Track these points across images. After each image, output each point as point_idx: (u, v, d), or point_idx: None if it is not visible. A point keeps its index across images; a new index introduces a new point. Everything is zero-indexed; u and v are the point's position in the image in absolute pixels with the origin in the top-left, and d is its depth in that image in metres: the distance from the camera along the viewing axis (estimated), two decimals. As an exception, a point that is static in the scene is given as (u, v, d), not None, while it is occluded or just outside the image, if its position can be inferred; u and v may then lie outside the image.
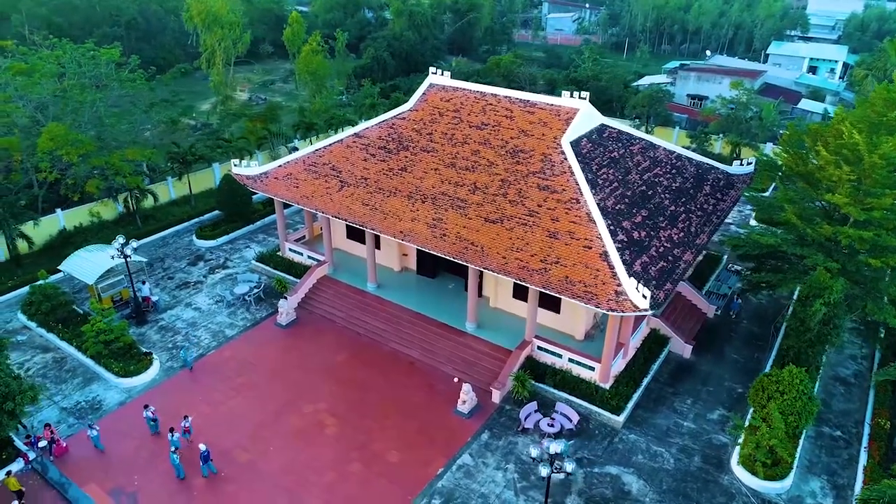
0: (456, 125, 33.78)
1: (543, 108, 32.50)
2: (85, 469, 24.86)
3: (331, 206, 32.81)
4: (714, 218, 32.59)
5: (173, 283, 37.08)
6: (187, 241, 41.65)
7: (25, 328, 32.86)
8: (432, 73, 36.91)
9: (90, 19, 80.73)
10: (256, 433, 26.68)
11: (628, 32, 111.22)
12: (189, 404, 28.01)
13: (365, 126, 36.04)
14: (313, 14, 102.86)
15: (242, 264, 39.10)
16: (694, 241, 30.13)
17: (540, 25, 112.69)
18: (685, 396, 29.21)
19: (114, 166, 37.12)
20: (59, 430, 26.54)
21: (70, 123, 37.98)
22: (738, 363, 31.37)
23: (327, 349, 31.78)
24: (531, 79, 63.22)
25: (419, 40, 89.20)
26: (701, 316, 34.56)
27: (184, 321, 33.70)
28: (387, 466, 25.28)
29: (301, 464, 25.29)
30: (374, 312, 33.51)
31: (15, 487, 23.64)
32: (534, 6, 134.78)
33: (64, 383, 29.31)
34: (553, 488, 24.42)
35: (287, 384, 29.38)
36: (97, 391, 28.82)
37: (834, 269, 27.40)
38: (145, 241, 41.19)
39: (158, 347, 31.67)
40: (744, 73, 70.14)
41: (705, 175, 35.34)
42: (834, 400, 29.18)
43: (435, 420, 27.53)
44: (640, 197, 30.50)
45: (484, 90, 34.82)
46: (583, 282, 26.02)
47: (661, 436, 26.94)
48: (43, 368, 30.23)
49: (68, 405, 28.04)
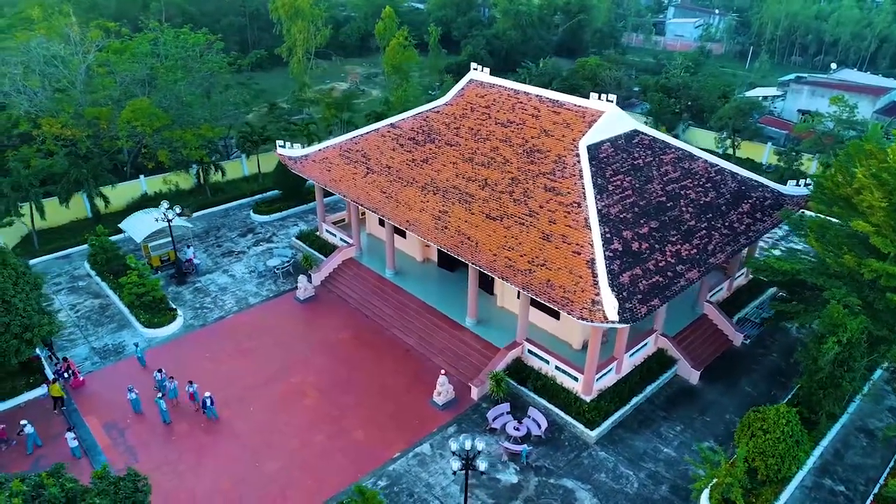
0: (483, 121, 33.85)
1: (570, 109, 31.75)
2: (91, 403, 28.03)
3: (353, 191, 34.15)
4: (742, 238, 30.20)
5: (220, 251, 40.27)
6: (245, 214, 44.92)
7: (87, 275, 37.26)
8: (473, 68, 37.16)
9: (220, 9, 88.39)
10: (244, 394, 28.59)
11: (755, 41, 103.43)
12: (196, 359, 30.57)
13: (402, 117, 37.04)
14: (427, 11, 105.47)
15: (285, 240, 41.60)
16: (707, 260, 28.17)
17: (652, 30, 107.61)
18: (676, 423, 27.48)
19: (181, 140, 40.95)
20: (84, 366, 30.04)
21: (154, 100, 42.29)
22: (750, 397, 28.94)
23: (333, 327, 33.20)
24: (616, 83, 61.07)
25: (523, 39, 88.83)
26: (724, 343, 32.16)
27: (217, 285, 36.60)
28: (349, 442, 26.17)
29: (273, 427, 26.82)
30: (385, 298, 34.47)
31: (57, 394, 27.47)
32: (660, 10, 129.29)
33: (101, 326, 33.02)
34: (502, 492, 24.14)
35: (286, 354, 31.11)
36: (124, 337, 32.19)
37: (854, 305, 24.55)
38: (210, 211, 45.06)
39: (188, 306, 34.67)
40: (867, 90, 63.26)
41: (748, 192, 32.74)
42: (850, 452, 26.14)
43: (410, 407, 28.00)
44: (655, 208, 28.97)
45: (519, 88, 34.57)
46: (563, 287, 25.33)
47: (634, 458, 25.61)
48: (90, 311, 34.21)
49: (98, 346, 31.59)
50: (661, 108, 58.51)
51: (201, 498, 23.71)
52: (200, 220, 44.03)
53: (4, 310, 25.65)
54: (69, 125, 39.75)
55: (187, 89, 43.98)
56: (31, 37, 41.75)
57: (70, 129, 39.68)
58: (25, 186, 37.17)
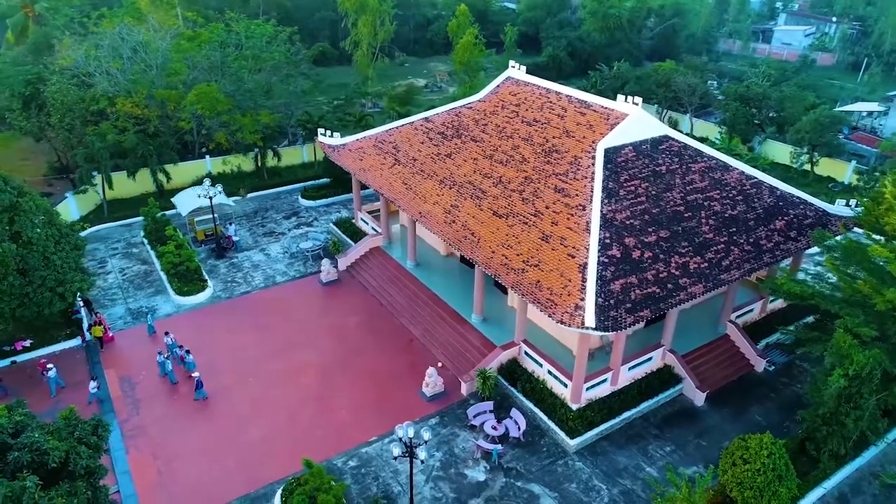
0: (511, 119, 33.62)
1: (596, 111, 30.91)
2: (114, 357, 30.59)
3: (377, 180, 34.98)
4: (766, 256, 28.18)
5: (262, 231, 42.46)
6: (294, 198, 47.04)
7: (141, 243, 40.50)
8: (511, 66, 36.94)
9: (314, 4, 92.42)
10: (247, 365, 30.12)
11: (871, 51, 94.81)
12: (213, 328, 32.54)
13: (437, 111, 37.46)
14: (516, 11, 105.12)
15: (325, 225, 43.18)
16: (718, 276, 26.55)
17: (750, 37, 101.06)
18: (667, 443, 26.16)
19: (237, 123, 43.51)
20: (116, 325, 32.79)
21: (219, 85, 45.16)
22: (759, 426, 26.96)
23: (346, 311, 34.20)
24: (691, 90, 58.14)
25: (609, 42, 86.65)
26: (744, 367, 30.15)
27: (251, 262, 38.66)
28: (331, 421, 26.97)
29: (264, 399, 28.14)
30: (401, 288, 35.05)
31: (98, 334, 30.87)
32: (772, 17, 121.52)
33: (140, 290, 35.85)
34: (466, 488, 24.07)
35: (295, 332, 32.43)
36: (157, 301, 34.79)
37: (866, 336, 22.36)
38: (263, 193, 47.62)
39: (219, 279, 36.90)
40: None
41: (785, 209, 30.48)
42: (856, 499, 23.82)
43: (398, 395, 28.41)
44: (670, 217, 27.64)
45: (551, 87, 34.05)
46: (550, 289, 24.83)
47: (611, 473, 24.68)
48: (135, 275, 37.21)
49: (133, 307, 34.34)
50: (736, 118, 55.20)
51: (186, 453, 25.34)
52: (253, 200, 46.60)
53: (44, 265, 28.52)
54: (141, 105, 43.26)
55: (251, 77, 46.53)
56: (116, 24, 45.76)
57: (142, 108, 43.17)
58: (98, 159, 40.93)
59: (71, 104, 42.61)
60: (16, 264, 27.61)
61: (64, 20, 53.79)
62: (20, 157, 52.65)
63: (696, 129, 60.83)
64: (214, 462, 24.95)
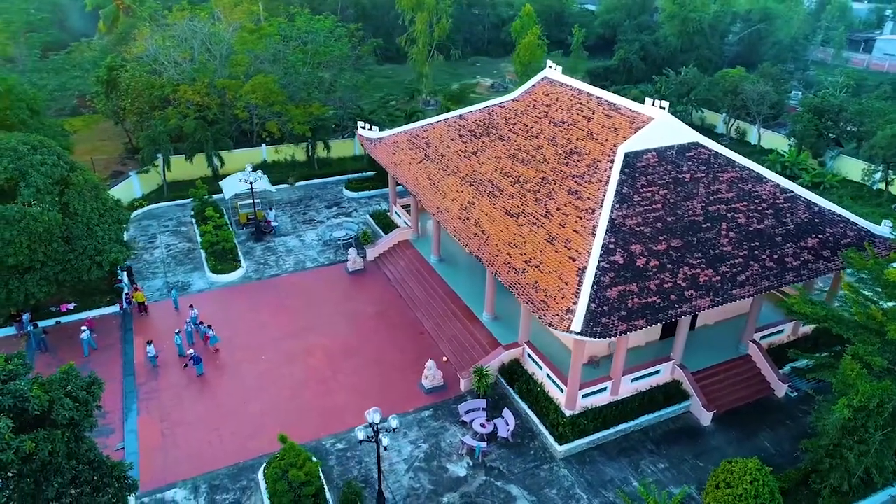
0: (539, 119, 33.30)
1: (623, 114, 30.12)
2: (144, 325, 32.73)
3: (404, 174, 35.55)
4: (789, 275, 26.53)
5: (302, 218, 44.05)
6: (339, 189, 48.44)
7: (189, 223, 43.00)
8: (549, 66, 36.54)
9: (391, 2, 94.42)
10: (263, 343, 31.44)
11: None
12: (238, 307, 34.17)
13: (471, 109, 37.60)
14: (595, 14, 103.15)
15: (363, 217, 44.25)
16: (730, 292, 25.28)
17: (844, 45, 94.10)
18: (663, 459, 25.22)
19: (288, 114, 45.31)
20: (153, 296, 35.05)
21: (276, 77, 47.22)
22: (766, 452, 25.54)
23: (365, 300, 34.99)
24: (759, 98, 55.04)
25: (686, 47, 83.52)
26: (762, 390, 28.56)
27: (286, 247, 40.23)
28: (329, 403, 27.77)
29: (271, 376, 29.32)
30: (421, 281, 35.47)
31: (141, 299, 33.23)
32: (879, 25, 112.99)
33: (181, 266, 38.12)
34: (444, 481, 24.20)
35: (313, 316, 33.53)
36: (193, 277, 36.89)
37: (878, 366, 20.71)
38: (311, 182, 49.34)
39: (253, 260, 38.64)
40: None
41: (821, 226, 28.56)
42: (861, 540, 22.13)
43: (398, 385, 28.85)
44: (685, 226, 26.57)
45: (583, 89, 33.43)
46: (546, 290, 24.53)
47: (596, 484, 24.08)
48: (179, 252, 39.59)
49: (171, 281, 36.56)
50: (807, 130, 51.95)
51: (190, 420, 26.83)
52: (300, 188, 48.39)
53: (87, 235, 30.94)
54: (202, 93, 45.87)
55: (306, 70, 48.30)
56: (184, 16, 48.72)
57: (202, 96, 45.77)
58: (159, 141, 43.80)
59: (141, 90, 45.81)
60: (61, 232, 30.11)
61: (148, 11, 57.79)
62: (101, 138, 56.95)
63: (764, 139, 57.72)
64: (213, 430, 26.29)
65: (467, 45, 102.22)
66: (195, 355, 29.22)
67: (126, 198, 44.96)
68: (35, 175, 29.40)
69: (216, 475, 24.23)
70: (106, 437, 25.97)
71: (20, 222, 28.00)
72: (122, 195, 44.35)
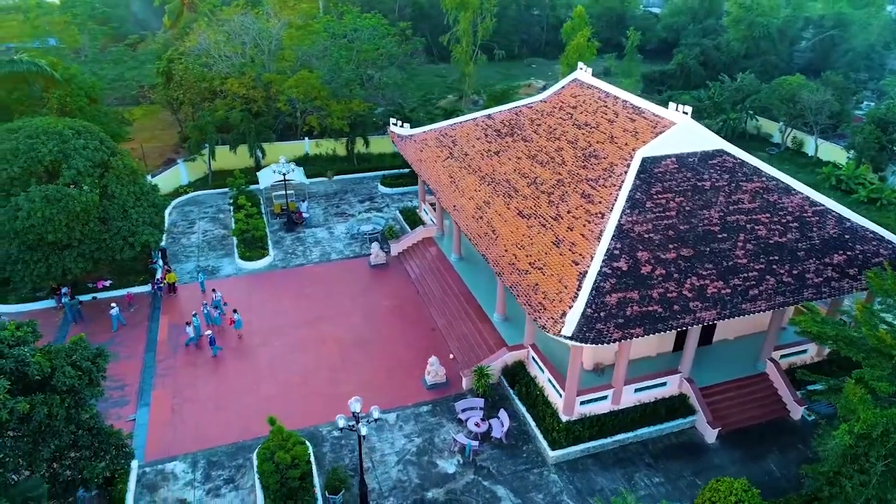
0: (564, 121, 32.93)
1: (646, 118, 29.43)
2: (170, 307, 34.30)
3: (427, 172, 35.86)
4: (807, 292, 25.26)
5: (335, 211, 45.06)
6: (374, 185, 49.25)
7: (228, 210, 44.72)
8: (580, 68, 36.04)
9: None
10: (280, 329, 32.43)
11: None
12: (260, 293, 35.37)
13: (500, 109, 37.53)
14: (659, 17, 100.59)
15: (393, 212, 44.85)
16: (739, 306, 24.31)
17: None
18: (658, 474, 24.53)
19: (327, 109, 46.41)
20: (183, 278, 36.68)
21: (320, 73, 48.45)
22: (770, 475, 24.47)
23: (383, 293, 35.52)
24: (818, 107, 52.23)
25: (752, 52, 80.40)
26: (777, 411, 27.33)
27: (315, 239, 41.28)
28: (333, 391, 28.33)
29: (284, 362, 30.21)
30: (439, 279, 35.70)
31: (172, 280, 35.06)
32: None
33: (213, 251, 39.74)
34: (432, 476, 24.36)
35: (330, 306, 34.32)
36: (222, 263, 38.40)
37: (884, 392, 19.50)
38: (348, 177, 50.41)
39: (282, 249, 39.85)
40: None
41: (851, 243, 27.03)
42: (860, 575, 20.85)
43: (403, 379, 29.18)
44: (699, 235, 25.71)
45: (610, 92, 32.83)
46: (545, 293, 24.32)
47: (585, 492, 23.68)
48: (213, 238, 41.28)
49: (202, 265, 38.17)
50: (867, 143, 49.11)
51: (200, 397, 28.02)
52: (337, 182, 49.49)
53: (122, 217, 32.76)
54: (248, 86, 47.59)
55: (349, 67, 49.31)
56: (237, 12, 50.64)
57: (248, 89, 47.48)
58: (205, 131, 45.75)
59: (192, 82, 47.96)
60: (98, 213, 31.99)
61: (209, 7, 60.35)
62: (161, 127, 59.98)
63: (822, 151, 54.89)
64: (220, 410, 27.35)
65: (524, 46, 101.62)
66: (211, 336, 30.44)
67: (173, 184, 47.30)
68: (77, 158, 31.34)
69: (216, 452, 25.21)
70: (121, 407, 27.51)
71: (60, 201, 29.92)
72: (169, 181, 46.77)
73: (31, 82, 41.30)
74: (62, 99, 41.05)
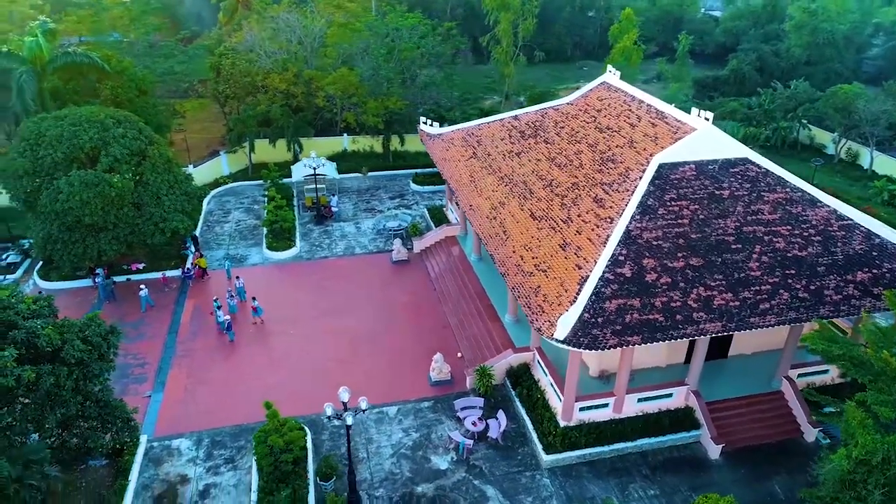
0: (586, 124, 32.55)
1: (668, 124, 28.81)
2: (197, 290, 35.75)
3: (450, 171, 36.08)
4: (823, 308, 24.17)
5: (365, 206, 45.85)
6: (406, 182, 49.80)
7: (262, 202, 46.14)
8: (609, 71, 35.52)
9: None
10: (296, 319, 33.31)
11: None
12: (282, 283, 36.44)
13: (527, 110, 37.40)
14: (719, 21, 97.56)
15: (422, 209, 45.27)
16: (747, 319, 23.51)
17: None
18: (654, 486, 24.01)
19: (364, 106, 47.23)
20: (212, 265, 38.13)
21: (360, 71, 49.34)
22: (774, 497, 23.59)
23: (402, 289, 35.97)
24: (874, 118, 49.57)
25: (814, 59, 77.11)
26: (789, 431, 26.30)
27: (342, 233, 42.15)
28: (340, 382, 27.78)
29: (297, 350, 31.06)
30: (456, 277, 35.87)
31: (203, 265, 36.71)
32: None
33: (244, 240, 41.12)
34: (424, 471, 24.60)
35: (347, 298, 35.00)
36: (251, 252, 39.68)
37: (885, 417, 18.53)
38: (382, 173, 51.14)
39: (309, 242, 40.85)
40: None
41: (878, 260, 25.72)
42: None
43: (409, 374, 29.50)
44: (711, 245, 24.99)
45: (636, 95, 32.22)
46: (546, 296, 24.18)
47: (575, 499, 23.42)
48: (245, 228, 42.71)
49: (231, 253, 39.56)
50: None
51: (213, 380, 29.14)
52: (371, 178, 50.30)
53: (155, 203, 34.34)
54: (289, 82, 48.90)
55: (387, 65, 49.99)
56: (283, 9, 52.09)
57: (289, 84, 48.80)
58: (246, 125, 47.34)
59: (238, 77, 49.66)
60: (132, 198, 33.63)
61: (262, 4, 62.23)
62: (211, 120, 62.28)
63: (878, 164, 52.11)
64: (230, 393, 28.35)
65: (577, 49, 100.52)
66: (228, 321, 31.57)
67: (214, 175, 49.10)
68: (115, 146, 33.03)
69: (220, 432, 26.18)
70: (140, 384, 28.90)
71: (97, 186, 31.63)
72: (210, 172, 48.61)
73: (85, 73, 43.65)
74: (114, 90, 43.23)
